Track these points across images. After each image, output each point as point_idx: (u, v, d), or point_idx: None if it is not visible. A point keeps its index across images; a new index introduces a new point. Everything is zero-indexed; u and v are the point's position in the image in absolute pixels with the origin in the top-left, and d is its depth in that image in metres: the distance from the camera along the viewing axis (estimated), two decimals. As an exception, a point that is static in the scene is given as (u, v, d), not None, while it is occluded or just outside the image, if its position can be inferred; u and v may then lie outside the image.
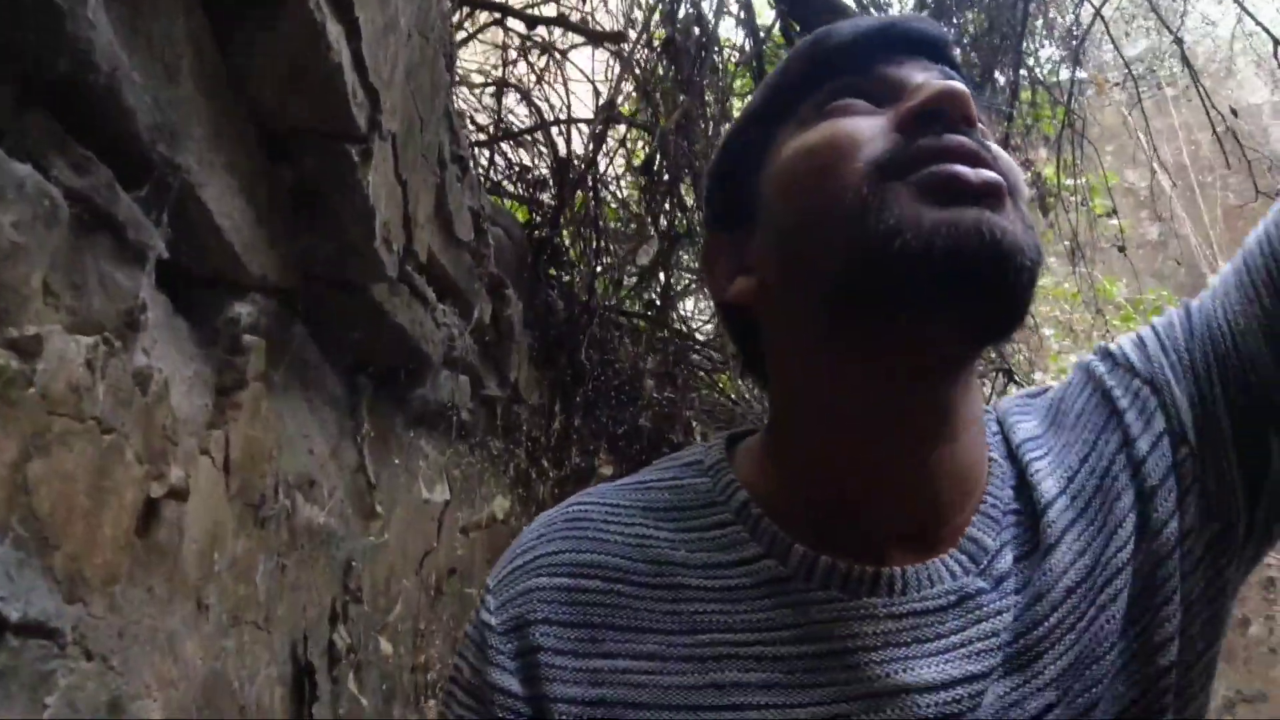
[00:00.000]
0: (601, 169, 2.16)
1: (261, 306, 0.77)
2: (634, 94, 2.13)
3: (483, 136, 2.00)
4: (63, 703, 0.48)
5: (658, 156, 1.99)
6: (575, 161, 1.95)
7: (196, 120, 0.60)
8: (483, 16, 1.97)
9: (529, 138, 2.00)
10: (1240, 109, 2.80)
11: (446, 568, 1.59)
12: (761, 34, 2.27)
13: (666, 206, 2.21)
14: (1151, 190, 3.97)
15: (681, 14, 2.04)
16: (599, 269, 2.10)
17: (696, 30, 2.03)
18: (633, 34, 2.03)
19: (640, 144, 2.43)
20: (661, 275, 2.28)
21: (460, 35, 1.90)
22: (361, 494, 1.24)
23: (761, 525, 0.48)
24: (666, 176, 2.09)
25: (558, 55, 2.08)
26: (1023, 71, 2.86)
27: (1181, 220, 5.15)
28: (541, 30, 2.02)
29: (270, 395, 0.86)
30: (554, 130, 1.97)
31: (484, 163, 2.00)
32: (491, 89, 2.02)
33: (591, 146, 1.92)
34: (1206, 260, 5.46)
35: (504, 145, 2.04)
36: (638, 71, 2.01)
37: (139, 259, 0.57)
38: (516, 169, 2.06)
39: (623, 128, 2.27)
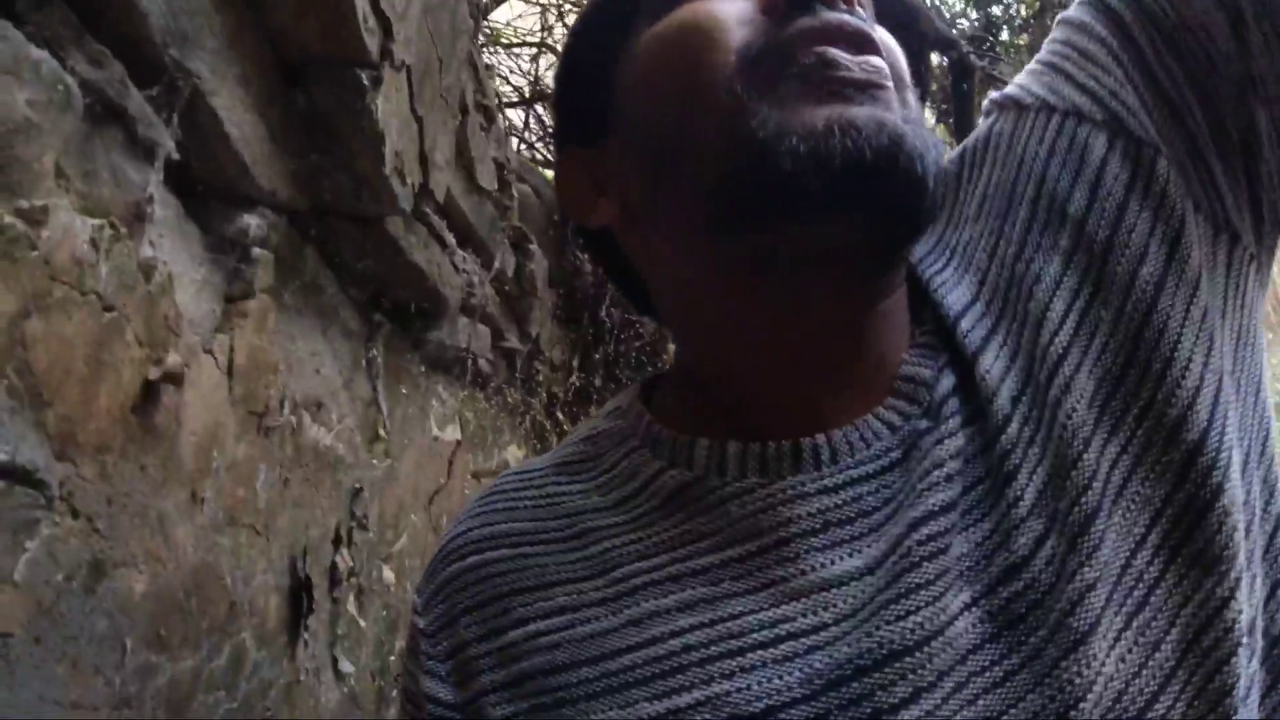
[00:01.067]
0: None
1: (271, 222, 0.81)
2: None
3: (517, 98, 2.02)
4: (43, 551, 0.52)
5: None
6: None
7: (209, 31, 0.64)
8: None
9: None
10: None
11: (454, 510, 1.64)
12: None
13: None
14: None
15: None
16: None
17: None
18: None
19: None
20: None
21: (501, -4, 1.92)
22: (373, 425, 1.29)
23: (663, 439, 0.42)
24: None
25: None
26: None
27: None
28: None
29: (280, 312, 0.90)
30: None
31: (518, 124, 2.03)
32: (530, 51, 2.04)
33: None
34: None
35: (539, 108, 2.06)
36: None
37: (148, 155, 0.60)
38: (551, 132, 2.09)
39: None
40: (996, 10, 3.40)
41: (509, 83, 2.01)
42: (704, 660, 0.37)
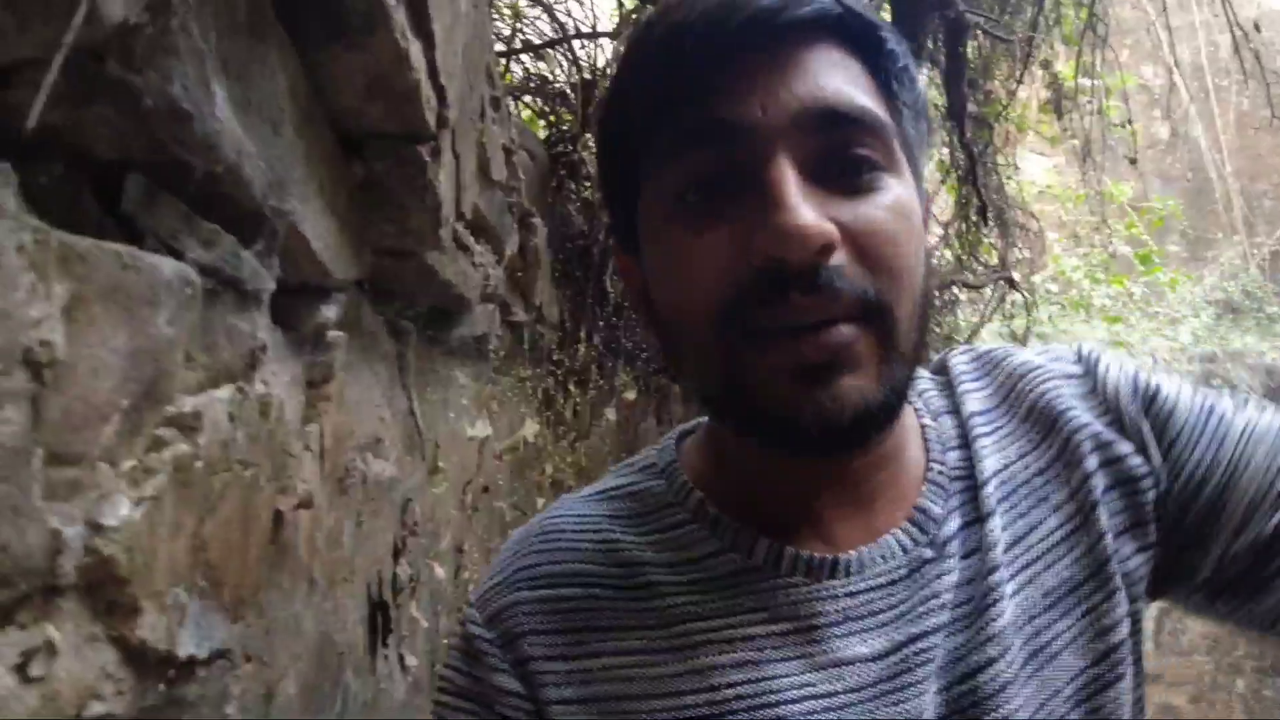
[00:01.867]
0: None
1: (343, 304, 0.82)
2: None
3: (502, 47, 1.95)
4: (236, 708, 0.56)
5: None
6: (599, 77, 1.92)
7: (295, 162, 0.63)
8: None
9: (550, 50, 1.96)
10: (1263, 14, 2.72)
11: (480, 487, 1.69)
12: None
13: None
14: (1168, 88, 3.88)
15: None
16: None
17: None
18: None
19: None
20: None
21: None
22: (411, 435, 1.32)
23: (721, 524, 0.53)
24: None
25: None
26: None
27: (1193, 122, 5.03)
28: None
29: (347, 373, 0.92)
30: (576, 44, 1.92)
31: (501, 70, 1.96)
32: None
33: (614, 62, 1.88)
34: (1215, 165, 5.36)
35: (524, 57, 1.99)
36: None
37: (255, 303, 0.61)
38: (536, 82, 2.02)
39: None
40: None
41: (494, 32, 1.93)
42: (750, 708, 0.48)
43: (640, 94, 0.48)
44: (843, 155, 0.46)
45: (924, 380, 0.61)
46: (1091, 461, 0.55)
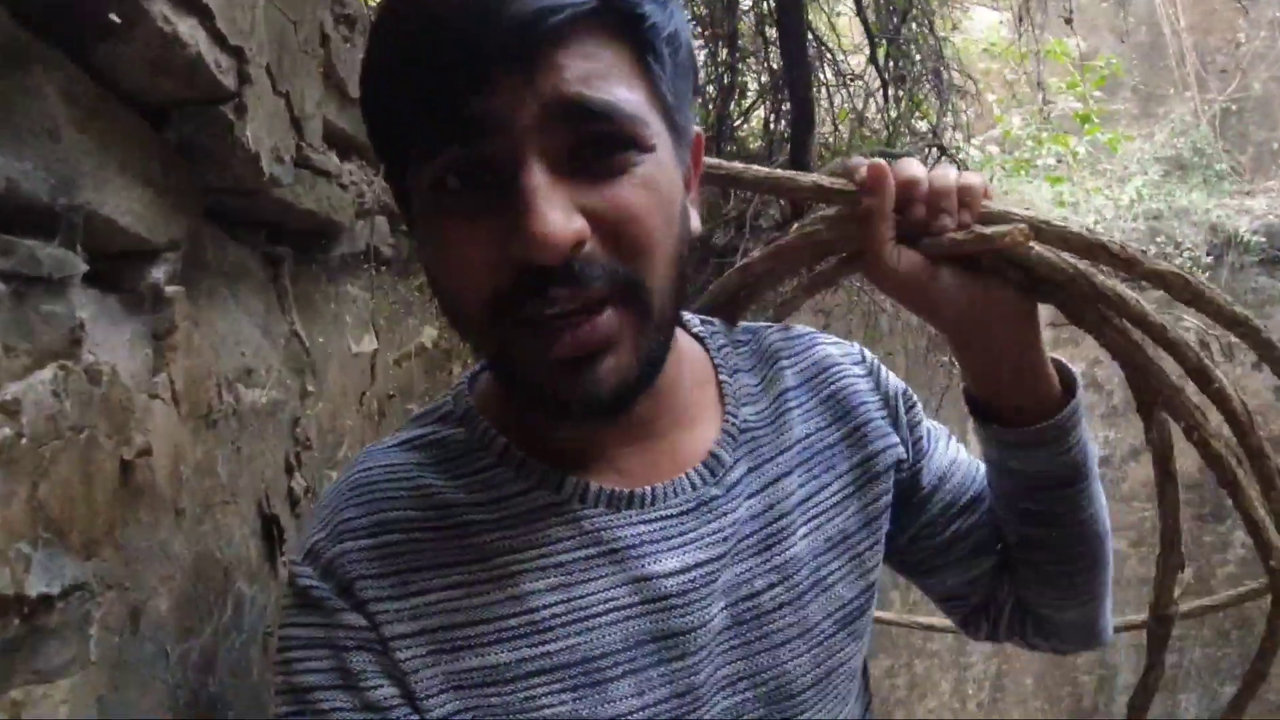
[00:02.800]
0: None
1: (175, 260, 0.88)
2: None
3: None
4: (100, 627, 0.68)
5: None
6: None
7: (83, 155, 0.69)
8: None
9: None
10: None
11: (386, 394, 1.79)
12: None
13: None
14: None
15: None
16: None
17: None
18: None
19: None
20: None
21: None
22: (297, 357, 1.40)
23: (527, 464, 0.58)
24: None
25: None
26: None
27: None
28: None
29: (198, 315, 0.99)
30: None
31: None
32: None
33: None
34: (1169, 20, 5.30)
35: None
36: None
37: (66, 287, 0.68)
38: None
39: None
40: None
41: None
42: (565, 622, 0.55)
43: (397, 84, 0.49)
44: (593, 143, 0.49)
45: (720, 337, 0.70)
46: (874, 445, 0.68)
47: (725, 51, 3.31)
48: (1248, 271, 4.97)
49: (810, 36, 3.20)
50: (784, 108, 3.15)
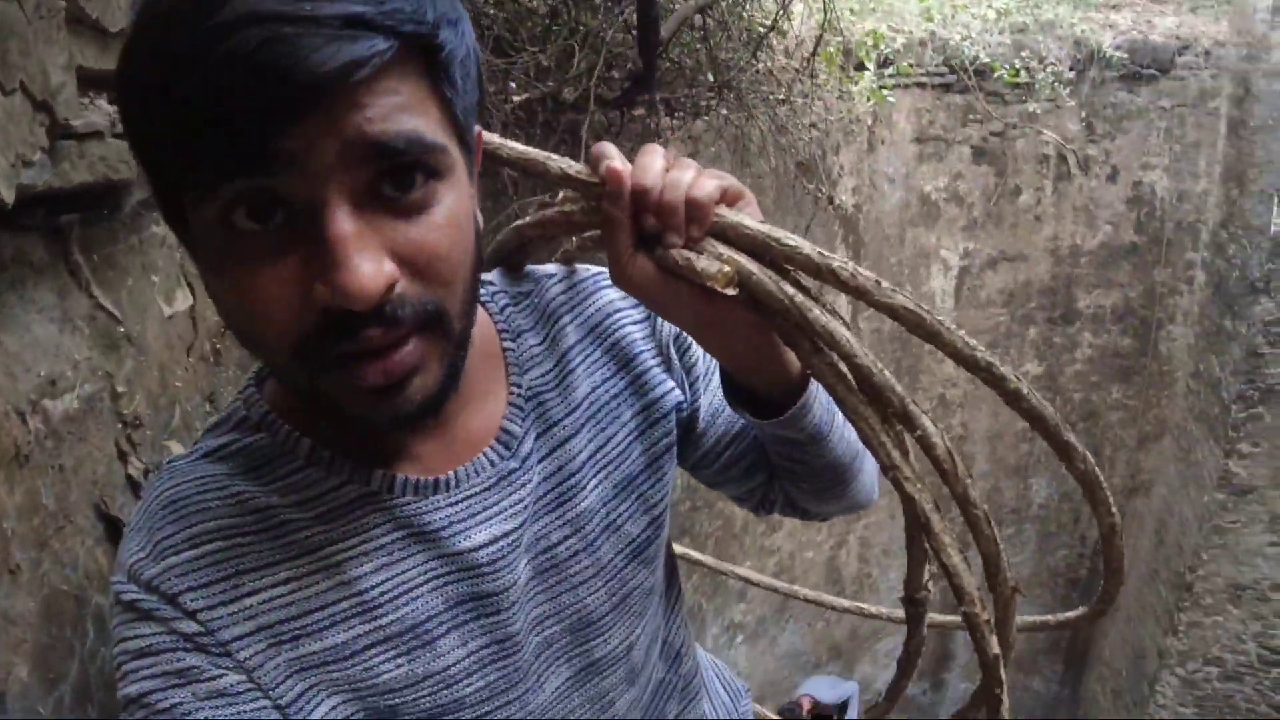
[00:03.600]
0: None
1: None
2: None
3: None
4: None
5: None
6: None
7: None
8: None
9: None
10: None
11: (216, 334, 1.71)
12: None
13: None
14: None
15: None
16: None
17: None
18: None
19: None
20: None
21: None
22: (108, 330, 1.30)
23: (336, 462, 0.60)
24: None
25: None
26: None
27: None
28: None
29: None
30: None
31: None
32: None
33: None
34: None
35: None
36: None
37: None
38: None
39: None
40: None
41: None
42: (391, 598, 0.60)
43: (181, 112, 0.45)
44: (394, 177, 0.48)
45: (503, 296, 0.72)
46: (655, 392, 0.73)
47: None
48: (1108, 86, 5.20)
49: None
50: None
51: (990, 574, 0.63)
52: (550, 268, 0.75)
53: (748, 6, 3.38)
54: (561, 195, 0.65)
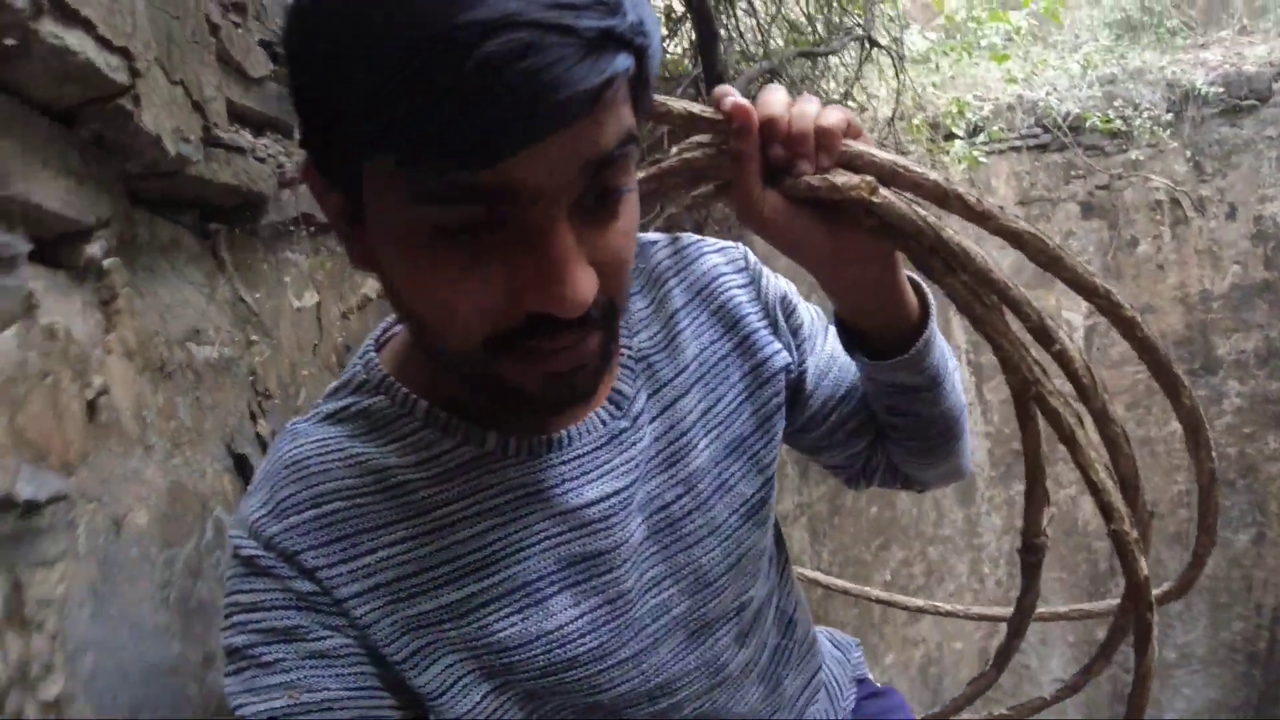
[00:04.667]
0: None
1: (107, 237, 1.04)
2: None
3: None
4: (84, 533, 0.86)
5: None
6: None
7: (10, 158, 0.84)
8: None
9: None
10: None
11: (341, 345, 1.96)
12: None
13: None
14: None
15: None
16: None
17: None
18: None
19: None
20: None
21: None
22: (245, 317, 1.56)
23: (452, 423, 0.61)
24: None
25: None
26: None
27: None
28: None
29: (139, 285, 1.15)
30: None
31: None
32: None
33: None
34: None
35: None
36: None
37: (13, 264, 0.85)
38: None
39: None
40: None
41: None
42: (503, 557, 0.61)
43: (403, 121, 0.42)
44: (601, 189, 0.49)
45: None
46: (763, 353, 0.74)
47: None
48: (1209, 124, 5.05)
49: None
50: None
51: (1129, 497, 0.62)
52: (654, 235, 0.75)
53: (824, 74, 3.54)
54: (680, 145, 0.65)
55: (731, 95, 0.59)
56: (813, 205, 0.62)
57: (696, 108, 0.61)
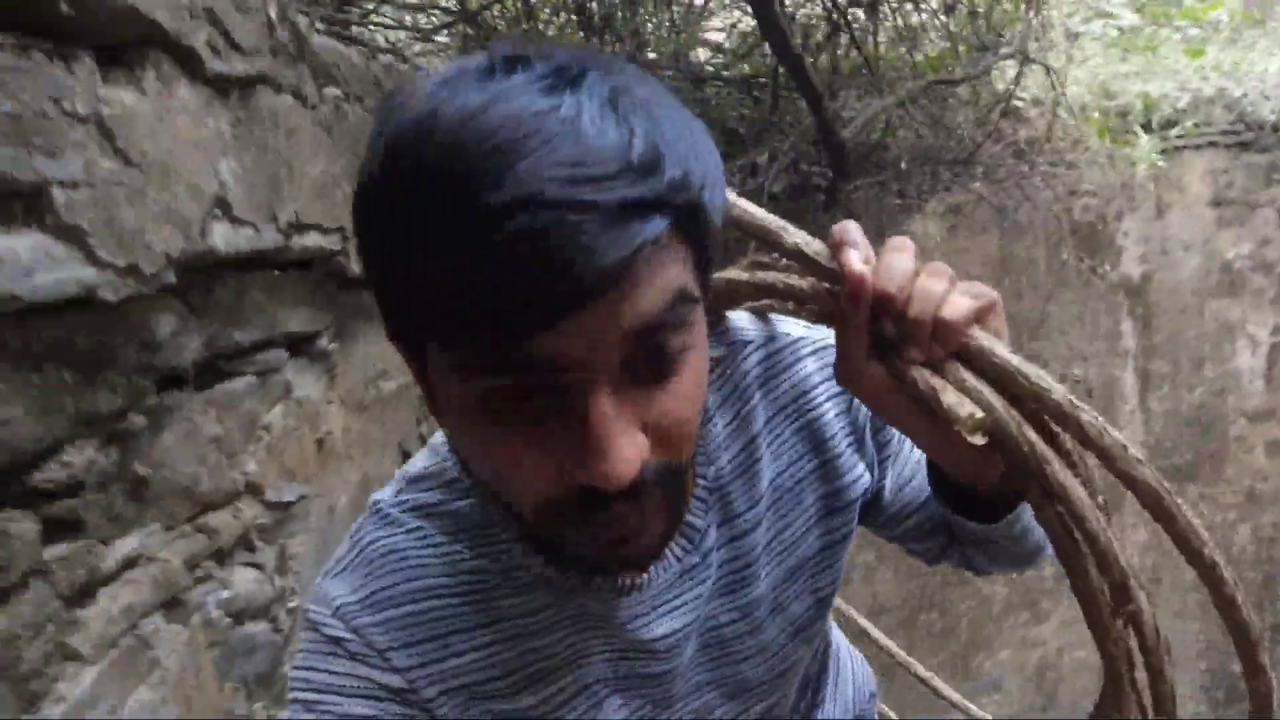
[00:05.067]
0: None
1: (328, 333, 1.70)
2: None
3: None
4: (314, 517, 1.53)
5: None
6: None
7: (280, 307, 1.50)
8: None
9: None
10: None
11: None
12: None
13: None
14: None
15: None
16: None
17: None
18: None
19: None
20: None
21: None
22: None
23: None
24: None
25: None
26: None
27: None
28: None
29: (345, 350, 1.81)
30: None
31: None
32: None
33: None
34: None
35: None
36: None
37: (278, 369, 1.51)
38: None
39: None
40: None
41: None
42: (571, 664, 0.61)
43: (447, 298, 0.41)
44: (654, 352, 0.45)
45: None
46: (844, 479, 0.68)
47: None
48: None
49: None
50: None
51: None
52: (749, 329, 0.68)
53: (980, 87, 3.53)
54: (788, 264, 0.59)
55: (851, 247, 0.53)
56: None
57: (811, 248, 0.56)
